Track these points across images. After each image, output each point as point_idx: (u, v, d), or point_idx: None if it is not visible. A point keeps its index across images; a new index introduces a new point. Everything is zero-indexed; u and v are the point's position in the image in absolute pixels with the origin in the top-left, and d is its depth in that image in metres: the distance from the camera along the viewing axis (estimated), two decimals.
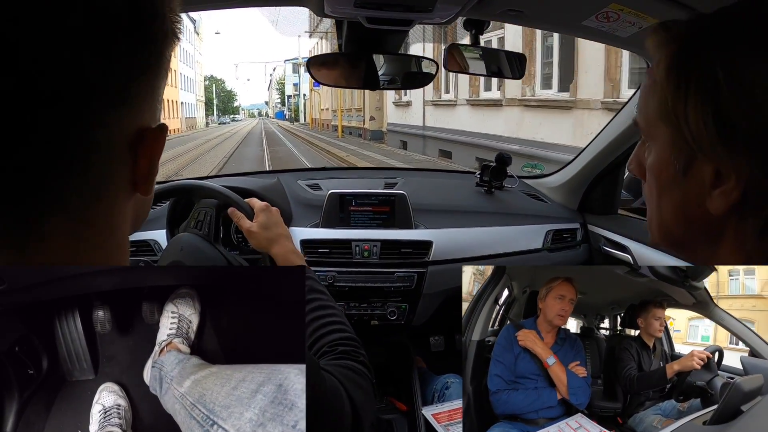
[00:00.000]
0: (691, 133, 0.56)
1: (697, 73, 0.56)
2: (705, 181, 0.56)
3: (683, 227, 0.62)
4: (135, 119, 0.46)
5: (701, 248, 0.62)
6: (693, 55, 0.57)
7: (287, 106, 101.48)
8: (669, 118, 0.58)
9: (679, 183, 0.59)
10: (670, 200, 0.62)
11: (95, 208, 0.45)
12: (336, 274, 1.79)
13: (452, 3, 1.18)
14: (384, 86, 1.53)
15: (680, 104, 0.57)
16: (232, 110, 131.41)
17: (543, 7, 1.27)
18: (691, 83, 0.56)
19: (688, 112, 0.56)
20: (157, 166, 0.49)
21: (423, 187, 2.13)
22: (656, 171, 0.63)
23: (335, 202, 1.91)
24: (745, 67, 0.53)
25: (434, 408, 1.44)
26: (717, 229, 0.58)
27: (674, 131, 0.58)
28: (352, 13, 1.23)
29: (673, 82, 0.58)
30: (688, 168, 0.58)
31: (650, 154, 0.63)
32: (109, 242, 0.48)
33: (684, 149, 0.57)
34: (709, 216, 0.57)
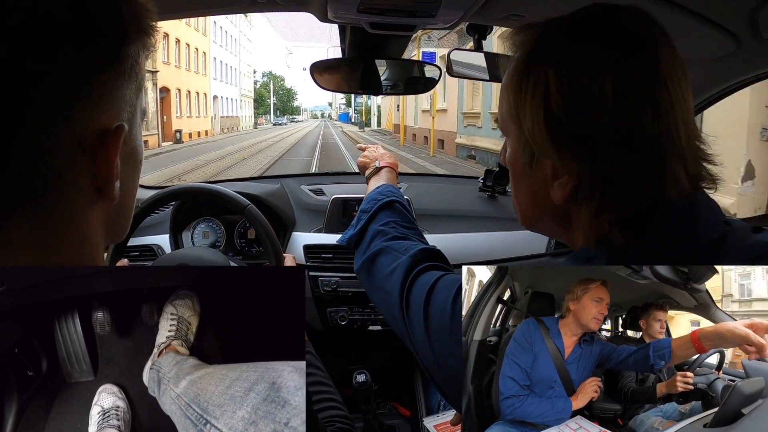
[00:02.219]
0: (529, 132, 0.63)
1: (534, 78, 0.62)
2: (547, 174, 0.64)
3: (537, 212, 0.71)
4: (89, 121, 0.43)
5: (556, 230, 0.71)
6: (532, 61, 0.63)
7: (353, 107, 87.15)
8: (514, 118, 0.66)
9: (528, 175, 0.68)
10: (523, 189, 0.71)
11: (54, 213, 0.43)
12: (339, 280, 1.79)
13: (455, 8, 1.18)
14: (386, 91, 1.54)
15: (521, 106, 0.64)
16: (292, 110, 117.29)
17: (545, 13, 1.27)
18: (529, 87, 0.63)
19: (525, 114, 0.63)
20: (116, 169, 0.46)
21: (426, 192, 2.14)
22: (511, 164, 0.73)
23: (338, 207, 1.92)
24: (572, 74, 0.59)
25: (436, 419, 1.44)
26: (563, 214, 0.67)
27: (518, 130, 0.66)
28: (355, 18, 1.24)
29: (515, 85, 0.65)
30: (532, 162, 0.66)
31: (507, 149, 0.73)
32: (80, 252, 0.46)
33: (527, 146, 0.66)
34: (554, 203, 0.65)
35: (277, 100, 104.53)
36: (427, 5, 1.14)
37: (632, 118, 0.58)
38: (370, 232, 1.07)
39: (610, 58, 0.59)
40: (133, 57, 0.47)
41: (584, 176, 0.61)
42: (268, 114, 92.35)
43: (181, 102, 30.81)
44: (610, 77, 0.58)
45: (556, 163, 0.62)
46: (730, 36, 1.13)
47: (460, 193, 2.19)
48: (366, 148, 1.44)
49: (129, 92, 0.48)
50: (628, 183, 0.60)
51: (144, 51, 0.48)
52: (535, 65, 0.63)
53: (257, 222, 1.33)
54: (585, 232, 0.64)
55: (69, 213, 0.44)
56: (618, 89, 0.58)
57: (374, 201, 1.13)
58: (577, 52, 0.60)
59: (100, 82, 0.44)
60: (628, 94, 0.58)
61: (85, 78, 0.42)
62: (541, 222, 0.73)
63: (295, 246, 1.86)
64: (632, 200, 0.60)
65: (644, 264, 0.62)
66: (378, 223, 1.07)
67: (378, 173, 1.32)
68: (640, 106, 0.59)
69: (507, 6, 1.22)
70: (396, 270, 0.91)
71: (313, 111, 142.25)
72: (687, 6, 1.05)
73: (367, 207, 1.13)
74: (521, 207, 0.74)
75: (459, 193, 2.20)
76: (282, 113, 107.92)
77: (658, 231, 0.60)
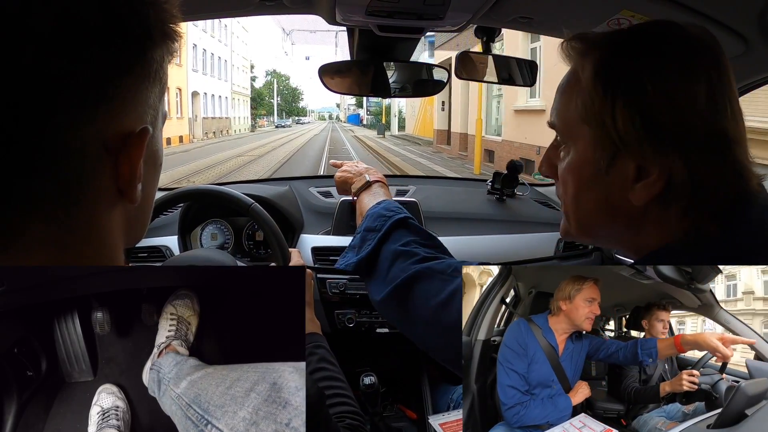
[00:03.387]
0: (618, 132, 0.65)
1: (625, 78, 0.65)
2: (627, 177, 0.66)
3: (604, 218, 0.71)
4: (114, 123, 0.44)
5: (622, 235, 0.71)
6: (618, 63, 0.66)
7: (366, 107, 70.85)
8: (594, 120, 0.67)
9: (601, 180, 0.68)
10: (591, 195, 0.70)
11: (76, 214, 0.44)
12: (347, 282, 1.79)
13: (463, 10, 1.19)
14: (395, 93, 1.55)
15: (607, 106, 0.65)
16: (297, 111, 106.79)
17: (553, 15, 1.28)
18: (618, 87, 0.65)
19: (615, 114, 0.65)
20: (139, 171, 0.47)
21: (435, 194, 2.14)
22: (577, 170, 0.71)
23: (346, 210, 1.92)
24: (667, 74, 0.63)
25: (441, 418, 1.43)
26: (638, 218, 0.68)
27: (598, 132, 0.67)
28: (363, 21, 1.24)
29: (600, 86, 0.66)
30: (611, 165, 0.67)
31: (568, 155, 0.72)
32: (99, 253, 0.46)
33: (608, 148, 0.67)
34: (631, 206, 0.66)
35: (281, 100, 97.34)
36: (435, 8, 1.14)
37: (718, 119, 0.64)
38: (387, 255, 0.96)
39: (700, 65, 0.64)
40: (158, 61, 0.47)
41: (676, 174, 0.63)
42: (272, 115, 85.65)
43: None
44: (703, 83, 0.63)
45: (647, 162, 0.64)
46: (739, 38, 1.13)
47: (468, 196, 2.19)
48: (342, 164, 1.33)
49: (153, 96, 0.48)
50: (716, 179, 0.64)
51: (168, 56, 0.49)
52: (623, 69, 0.65)
53: (262, 220, 1.34)
54: (664, 231, 0.66)
55: (91, 214, 0.45)
56: (708, 93, 0.63)
57: (383, 218, 1.01)
58: (669, 58, 0.64)
59: (126, 85, 0.44)
60: (715, 97, 0.63)
61: (111, 80, 0.43)
62: (604, 229, 0.72)
63: (303, 248, 1.87)
64: (721, 193, 0.64)
65: (736, 254, 0.63)
66: (396, 244, 0.96)
67: (369, 188, 1.19)
68: (723, 108, 0.64)
69: (515, 8, 1.23)
70: (456, 295, 0.81)
71: (320, 112, 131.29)
72: (695, 8, 1.05)
73: (375, 225, 1.01)
74: (583, 215, 0.73)
75: (467, 196, 2.19)
76: (287, 114, 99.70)
77: (748, 218, 0.64)
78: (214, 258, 1.26)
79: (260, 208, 1.36)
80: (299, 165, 18.20)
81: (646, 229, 0.68)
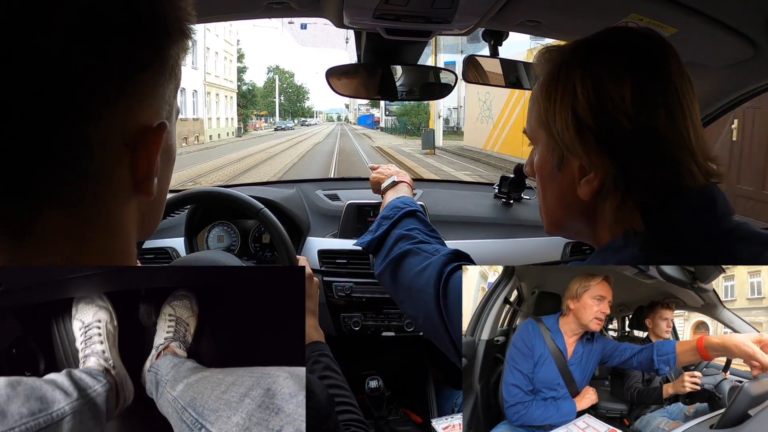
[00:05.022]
0: (560, 135, 0.72)
1: (563, 87, 0.71)
2: (574, 174, 0.72)
3: (564, 213, 0.79)
4: (132, 117, 0.45)
5: (583, 229, 0.77)
6: (561, 73, 0.72)
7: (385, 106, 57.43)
8: (545, 125, 0.75)
9: (556, 176, 0.76)
10: (551, 191, 0.80)
11: (92, 206, 0.45)
12: (353, 285, 1.79)
13: (471, 14, 1.19)
14: (402, 96, 1.55)
15: (550, 112, 0.73)
16: (303, 111, 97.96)
17: (561, 18, 1.28)
18: (558, 95, 0.72)
19: (555, 119, 0.72)
20: (156, 165, 0.48)
21: (442, 198, 2.13)
22: (539, 169, 0.80)
23: (353, 213, 1.93)
24: (595, 83, 0.69)
25: (444, 421, 1.43)
26: (588, 211, 0.74)
27: (548, 135, 0.75)
28: (371, 24, 1.25)
29: (546, 95, 0.74)
30: (561, 164, 0.74)
31: (535, 156, 0.81)
32: (113, 246, 0.47)
33: (557, 149, 0.74)
34: (581, 201, 0.73)
35: (285, 99, 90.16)
36: (442, 11, 1.15)
37: (647, 119, 0.68)
38: (393, 237, 1.12)
39: (627, 70, 0.69)
40: (174, 57, 0.49)
41: (609, 171, 0.68)
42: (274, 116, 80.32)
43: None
44: (628, 85, 0.68)
45: (584, 161, 0.70)
46: (748, 42, 1.12)
47: (475, 200, 2.18)
48: (378, 167, 1.53)
49: (169, 92, 0.49)
50: (647, 175, 0.68)
51: (183, 53, 0.50)
52: (562, 77, 0.72)
53: (271, 225, 1.35)
54: (611, 226, 0.71)
55: (107, 206, 0.46)
56: (635, 95, 0.67)
57: (397, 209, 1.20)
58: (599, 64, 0.70)
59: (145, 80, 0.46)
60: (644, 99, 0.68)
61: (132, 75, 0.44)
62: (568, 223, 0.80)
63: (310, 251, 1.87)
64: (652, 190, 0.68)
65: (663, 251, 0.65)
66: (401, 229, 1.13)
67: (395, 186, 1.40)
68: (654, 109, 0.68)
69: (522, 12, 1.23)
70: (428, 268, 0.96)
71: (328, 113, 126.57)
72: (705, 12, 1.05)
73: (390, 214, 1.19)
74: (548, 210, 0.82)
75: (474, 200, 2.18)
76: (291, 115, 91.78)
77: (677, 217, 0.67)
78: (220, 260, 1.27)
79: (269, 213, 1.37)
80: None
81: (599, 223, 0.74)
